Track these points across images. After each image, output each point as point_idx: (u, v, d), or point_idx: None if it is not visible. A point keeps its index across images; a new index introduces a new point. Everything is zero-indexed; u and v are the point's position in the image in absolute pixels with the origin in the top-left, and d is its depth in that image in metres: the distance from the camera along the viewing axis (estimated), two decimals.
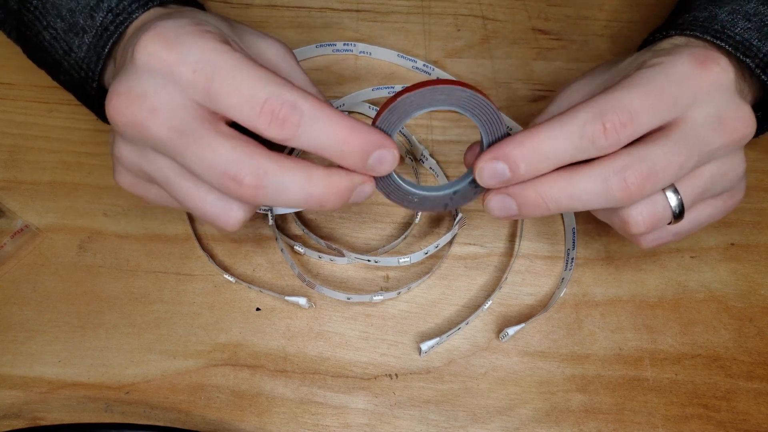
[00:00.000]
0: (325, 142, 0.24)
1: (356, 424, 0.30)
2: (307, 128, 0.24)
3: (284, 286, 0.34)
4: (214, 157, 0.24)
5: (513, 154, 0.25)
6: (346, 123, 0.24)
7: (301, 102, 0.24)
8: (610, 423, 0.31)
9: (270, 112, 0.23)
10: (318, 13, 0.44)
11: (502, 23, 0.44)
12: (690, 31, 0.33)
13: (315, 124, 0.24)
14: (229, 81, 0.24)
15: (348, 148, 0.24)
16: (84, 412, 0.30)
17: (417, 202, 0.28)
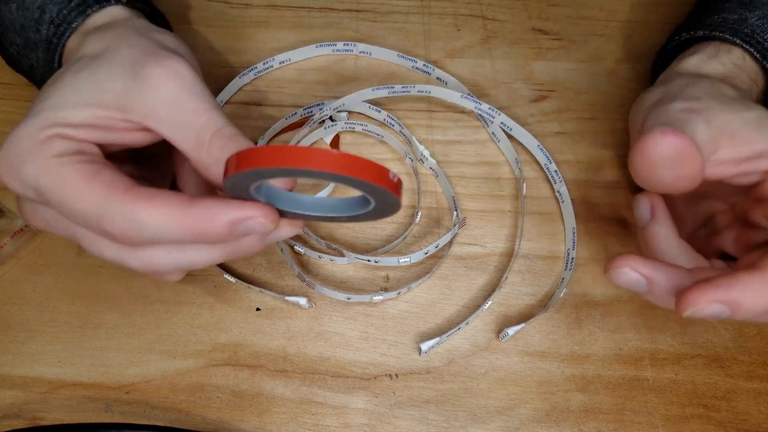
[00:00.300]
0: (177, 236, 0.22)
1: (356, 424, 0.30)
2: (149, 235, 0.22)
3: (284, 286, 0.34)
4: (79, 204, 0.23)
5: (745, 303, 0.23)
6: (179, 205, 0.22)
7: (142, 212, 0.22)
8: (610, 423, 0.31)
9: (104, 232, 0.22)
10: (318, 13, 0.44)
11: (502, 23, 0.44)
12: (719, 32, 0.32)
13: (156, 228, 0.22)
14: (62, 200, 0.23)
15: (204, 240, 0.22)
16: (84, 412, 0.30)
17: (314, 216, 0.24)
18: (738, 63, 0.33)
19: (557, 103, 0.41)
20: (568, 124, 0.40)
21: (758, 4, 0.33)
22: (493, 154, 0.39)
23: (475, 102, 0.38)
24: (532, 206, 0.37)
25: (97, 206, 0.22)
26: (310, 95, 0.40)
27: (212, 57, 0.42)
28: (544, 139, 0.39)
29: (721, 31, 0.33)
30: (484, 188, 0.38)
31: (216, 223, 0.22)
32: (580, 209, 0.37)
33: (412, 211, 0.37)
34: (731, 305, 0.23)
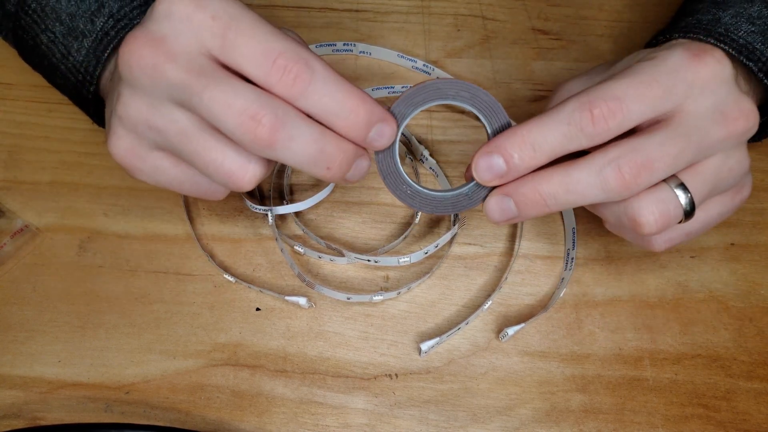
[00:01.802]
0: (333, 106, 0.24)
1: (356, 424, 0.30)
2: (317, 88, 0.24)
3: (284, 286, 0.34)
4: (234, 97, 0.23)
5: (505, 145, 0.26)
6: (356, 91, 0.25)
7: (315, 62, 0.24)
8: (610, 423, 0.31)
9: (283, 66, 0.23)
10: (318, 13, 0.44)
11: (502, 23, 0.44)
12: (693, 33, 0.32)
13: (326, 86, 0.24)
14: (246, 31, 0.24)
15: (354, 117, 0.25)
16: (84, 412, 0.30)
17: (409, 194, 0.28)
18: None
19: None
20: None
21: (731, 3, 0.33)
22: None
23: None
24: None
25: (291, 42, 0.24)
26: None
27: None
28: None
29: (695, 32, 0.33)
30: None
31: (375, 109, 0.25)
32: (580, 209, 0.37)
33: (411, 211, 0.37)
34: (498, 151, 0.26)
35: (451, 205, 0.29)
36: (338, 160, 0.25)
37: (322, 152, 0.25)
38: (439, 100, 0.27)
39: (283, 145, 0.24)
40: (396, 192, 0.28)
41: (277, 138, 0.24)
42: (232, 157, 0.25)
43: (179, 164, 0.27)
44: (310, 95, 0.24)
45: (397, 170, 0.28)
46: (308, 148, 0.24)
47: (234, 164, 0.25)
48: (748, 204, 0.37)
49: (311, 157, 0.25)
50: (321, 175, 0.26)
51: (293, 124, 0.24)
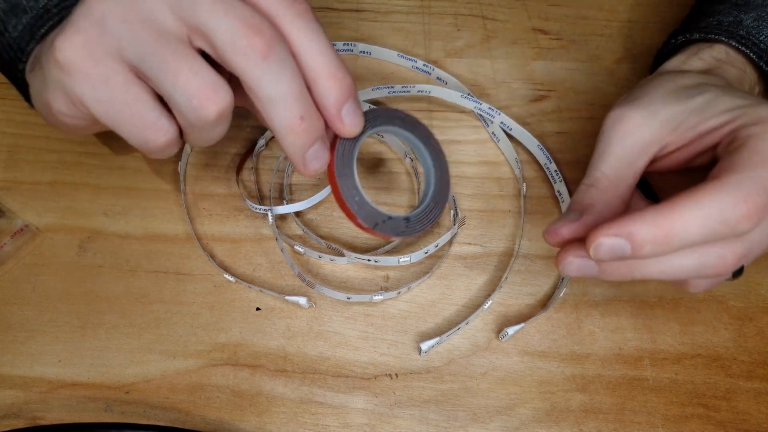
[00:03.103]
0: (320, 59, 0.24)
1: (356, 423, 0.30)
2: (314, 35, 0.23)
3: (284, 286, 0.34)
4: (237, 6, 0.22)
5: (640, 234, 0.23)
6: (338, 59, 0.24)
7: (282, 46, 0.23)
8: (610, 423, 0.31)
9: (256, 27, 0.22)
10: (318, 13, 0.44)
11: (502, 23, 0.44)
12: (715, 35, 0.32)
13: (315, 37, 0.23)
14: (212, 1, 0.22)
15: (339, 77, 0.24)
16: (84, 412, 0.30)
17: (357, 201, 0.27)
18: (719, 57, 0.33)
19: (557, 102, 0.41)
20: (568, 124, 0.40)
21: (753, 6, 0.33)
22: (493, 154, 0.39)
23: (474, 102, 0.38)
24: (532, 206, 0.37)
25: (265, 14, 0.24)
26: None
27: None
28: (544, 138, 0.39)
29: (716, 33, 0.33)
30: (484, 188, 0.38)
31: (351, 85, 0.25)
32: None
33: None
34: (628, 238, 0.23)
35: (392, 228, 0.27)
36: (310, 117, 0.24)
37: (304, 96, 0.24)
38: (400, 132, 0.29)
39: (274, 65, 0.23)
40: (346, 196, 0.27)
41: (271, 52, 0.22)
42: (205, 75, 0.23)
43: (133, 84, 0.24)
44: (305, 34, 0.23)
45: (351, 173, 0.27)
46: (294, 84, 0.23)
47: (206, 82, 0.23)
48: None
49: (294, 95, 0.23)
50: (289, 125, 0.24)
51: (286, 54, 0.23)
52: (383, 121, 0.28)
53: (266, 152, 0.38)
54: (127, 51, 0.23)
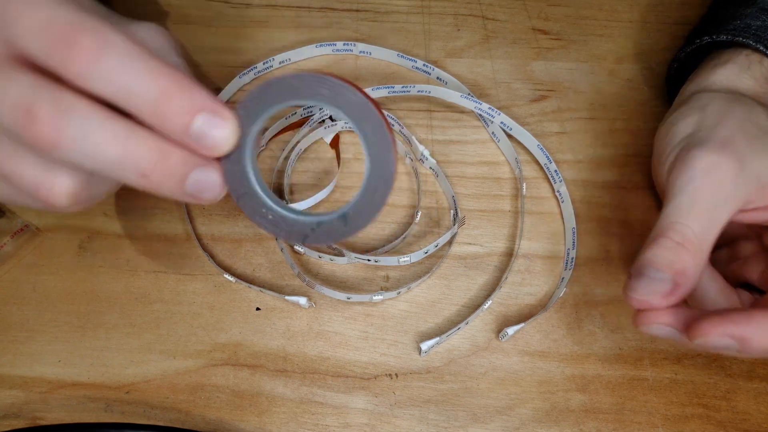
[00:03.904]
0: (133, 85, 0.19)
1: (356, 423, 0.30)
2: (112, 64, 0.18)
3: (284, 286, 0.34)
4: (6, 87, 0.19)
5: (754, 341, 0.23)
6: (168, 71, 0.19)
7: (112, 34, 0.19)
8: (610, 423, 0.31)
9: (65, 38, 0.18)
10: (318, 12, 0.44)
11: (502, 23, 0.44)
12: (743, 38, 0.32)
13: (124, 62, 0.19)
14: (29, 4, 0.19)
15: (165, 101, 0.19)
16: (84, 412, 0.30)
17: (270, 220, 0.22)
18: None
19: (557, 102, 0.41)
20: (568, 124, 0.40)
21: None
22: (493, 154, 0.39)
23: (475, 102, 0.38)
24: (532, 206, 0.37)
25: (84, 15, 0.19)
26: None
27: (212, 57, 0.42)
28: (544, 138, 0.39)
29: (744, 36, 0.32)
30: (484, 188, 0.38)
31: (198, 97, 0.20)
32: (580, 209, 0.37)
33: (412, 211, 0.37)
34: (740, 341, 0.23)
35: (324, 235, 0.22)
36: (156, 164, 0.20)
37: (128, 153, 0.19)
38: (294, 100, 0.21)
39: (73, 145, 0.19)
40: (254, 217, 0.23)
41: (61, 136, 0.19)
42: (31, 167, 0.20)
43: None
44: (102, 72, 0.18)
45: (253, 191, 0.22)
46: (108, 148, 0.19)
47: (35, 176, 0.20)
48: None
49: (115, 160, 0.19)
50: (140, 185, 0.20)
51: (82, 117, 0.19)
52: (280, 97, 0.21)
53: (266, 152, 0.38)
54: None
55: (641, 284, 0.26)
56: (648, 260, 0.26)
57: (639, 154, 0.39)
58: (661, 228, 0.26)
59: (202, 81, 0.40)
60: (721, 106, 0.30)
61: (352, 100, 0.21)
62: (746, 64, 0.33)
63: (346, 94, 0.21)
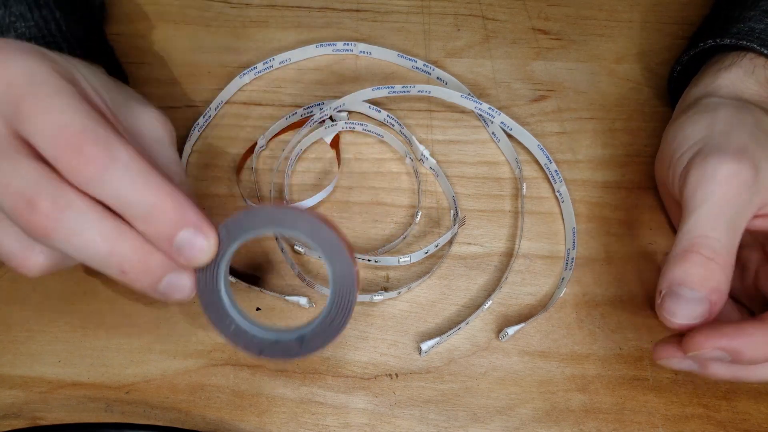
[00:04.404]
0: (132, 197, 0.21)
1: (356, 423, 0.30)
2: (115, 175, 0.21)
3: (284, 286, 0.34)
4: (13, 175, 0.20)
5: (747, 353, 0.24)
6: (166, 187, 0.21)
7: (119, 146, 0.21)
8: (610, 423, 0.31)
9: (77, 147, 0.20)
10: (318, 12, 0.44)
11: (502, 23, 0.44)
12: (747, 41, 0.32)
13: (126, 174, 0.21)
14: (44, 103, 0.21)
15: (157, 214, 0.21)
16: (84, 412, 0.30)
17: (232, 331, 0.24)
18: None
19: (557, 102, 0.41)
20: (568, 124, 0.40)
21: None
22: (493, 154, 0.39)
23: (475, 102, 0.38)
24: (532, 206, 0.37)
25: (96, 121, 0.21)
26: (310, 95, 0.40)
27: (212, 57, 0.42)
28: (544, 138, 0.39)
29: (748, 40, 0.32)
30: (484, 188, 0.38)
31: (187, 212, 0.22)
32: (580, 209, 0.37)
33: (412, 211, 0.37)
34: (732, 354, 0.24)
35: (281, 350, 0.24)
36: (136, 265, 0.22)
37: (114, 252, 0.21)
38: (275, 229, 0.23)
39: (63, 238, 0.21)
40: (219, 326, 0.24)
41: (54, 228, 0.21)
42: (12, 239, 0.22)
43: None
44: (105, 182, 0.21)
45: (219, 300, 0.24)
46: (97, 245, 0.21)
47: (14, 247, 0.22)
48: None
49: (101, 256, 0.21)
50: (117, 278, 0.22)
51: (78, 216, 0.21)
52: (262, 225, 0.23)
53: (266, 152, 0.38)
54: None
55: (680, 306, 0.25)
56: (680, 279, 0.25)
57: (639, 154, 0.39)
58: (689, 242, 0.26)
59: (202, 81, 0.40)
60: (731, 113, 0.30)
61: (326, 238, 0.23)
62: (750, 68, 0.33)
63: (321, 232, 0.23)
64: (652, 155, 0.39)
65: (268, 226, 0.23)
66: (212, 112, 0.39)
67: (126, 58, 0.41)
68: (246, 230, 0.23)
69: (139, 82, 0.40)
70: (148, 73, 0.40)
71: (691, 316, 0.25)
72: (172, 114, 0.39)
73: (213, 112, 0.39)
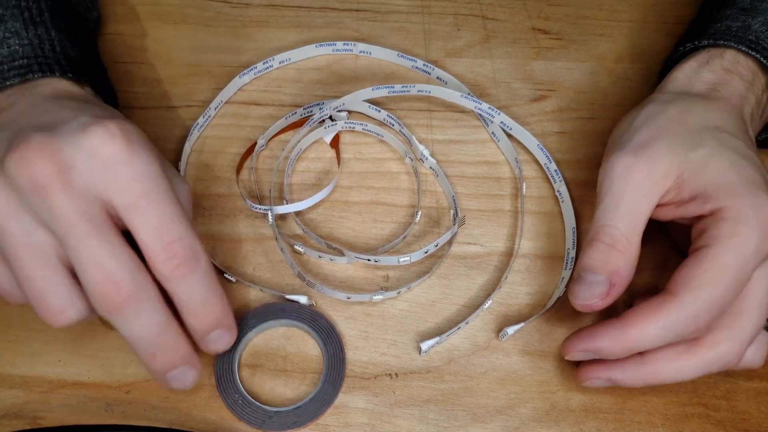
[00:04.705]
0: (199, 298, 0.25)
1: (356, 423, 0.31)
2: (194, 279, 0.25)
3: (284, 286, 0.34)
4: (109, 258, 0.23)
5: (606, 349, 0.28)
6: (222, 295, 0.27)
7: (202, 257, 0.25)
8: (610, 422, 0.31)
9: (174, 251, 0.24)
10: (318, 12, 0.44)
11: (502, 23, 0.44)
12: (724, 41, 0.33)
13: (201, 281, 0.25)
14: (158, 205, 0.24)
15: (208, 312, 0.26)
16: (84, 412, 0.30)
17: (239, 404, 0.30)
18: (729, 67, 0.33)
19: (557, 102, 0.41)
20: (568, 124, 0.40)
21: (760, 11, 0.33)
22: (492, 154, 0.39)
23: (475, 102, 0.38)
24: (532, 206, 0.37)
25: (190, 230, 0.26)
26: (310, 95, 0.40)
27: (212, 57, 0.42)
28: (544, 138, 0.39)
29: (725, 39, 0.33)
30: (484, 188, 0.38)
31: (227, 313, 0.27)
32: (580, 209, 0.37)
33: (411, 211, 0.37)
34: (594, 352, 0.28)
35: (278, 423, 0.29)
36: (168, 352, 0.25)
37: (158, 338, 0.25)
38: (284, 320, 0.32)
39: (127, 317, 0.24)
40: (226, 398, 0.30)
41: (124, 308, 0.24)
42: (59, 295, 0.25)
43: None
44: (184, 284, 0.25)
45: (232, 377, 0.30)
46: (147, 330, 0.25)
47: (57, 302, 0.25)
48: None
49: (145, 339, 0.25)
50: (143, 359, 0.26)
51: (148, 303, 0.24)
52: (263, 319, 0.31)
53: (266, 152, 0.38)
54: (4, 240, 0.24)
55: (582, 289, 0.28)
56: (585, 264, 0.29)
57: None
58: (593, 232, 0.29)
59: (202, 81, 0.40)
60: (655, 108, 0.32)
61: (323, 325, 0.32)
62: (705, 59, 0.33)
63: (319, 320, 0.32)
64: None
65: (280, 318, 0.32)
66: (212, 112, 0.39)
67: (126, 58, 0.41)
68: (261, 321, 0.31)
69: (138, 82, 0.40)
70: (148, 73, 0.40)
71: (592, 296, 0.28)
72: (172, 114, 0.39)
73: (213, 112, 0.39)
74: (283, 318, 0.32)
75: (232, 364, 0.30)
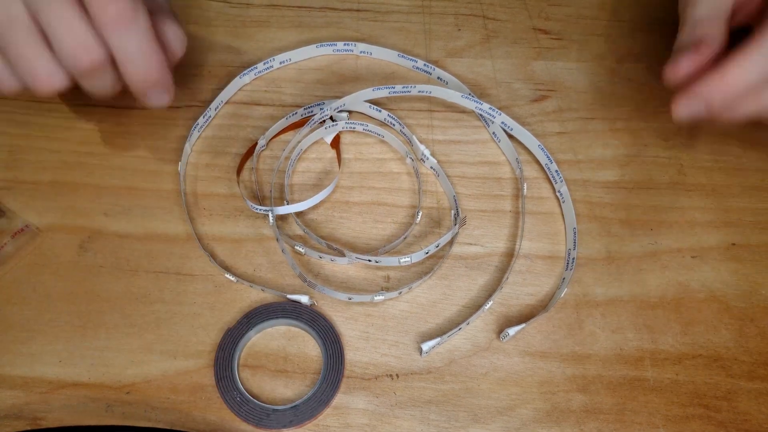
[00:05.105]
0: (134, 50, 0.28)
1: (357, 424, 0.30)
2: (132, 33, 0.28)
3: (285, 286, 0.34)
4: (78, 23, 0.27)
5: (710, 95, 0.30)
6: (157, 51, 0.29)
7: (143, 15, 0.28)
8: (611, 423, 0.31)
9: (115, 3, 0.27)
10: (318, 12, 0.44)
11: (503, 23, 0.44)
12: None
13: (138, 34, 0.28)
14: None
15: (143, 64, 0.29)
16: (84, 413, 0.30)
17: (238, 401, 0.30)
18: None
19: (558, 102, 0.41)
20: (568, 124, 0.40)
21: None
22: (493, 154, 0.39)
23: (475, 102, 0.38)
24: (533, 206, 0.37)
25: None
26: (311, 95, 0.40)
27: (212, 57, 0.42)
28: (545, 138, 0.39)
29: None
30: (485, 188, 0.38)
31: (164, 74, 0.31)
32: (581, 209, 0.37)
33: (412, 211, 0.37)
34: (702, 100, 0.31)
35: (276, 421, 0.29)
36: (149, 65, 0.29)
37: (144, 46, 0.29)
38: (285, 320, 0.32)
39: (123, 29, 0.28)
40: (225, 396, 0.30)
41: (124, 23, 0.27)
42: (46, 64, 0.28)
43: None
44: (121, 35, 0.28)
45: (232, 374, 0.30)
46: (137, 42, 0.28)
47: (46, 69, 0.28)
48: (748, 204, 0.37)
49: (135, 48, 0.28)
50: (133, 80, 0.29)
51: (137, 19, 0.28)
52: (263, 319, 0.32)
53: (267, 152, 0.38)
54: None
55: (680, 57, 0.31)
56: (678, 42, 0.33)
57: (640, 154, 0.39)
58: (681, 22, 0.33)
59: (202, 81, 0.40)
60: None
61: (322, 325, 0.32)
62: None
63: (319, 321, 0.32)
64: (653, 155, 0.39)
65: (281, 317, 0.32)
66: (212, 112, 0.39)
67: None
68: (263, 319, 0.32)
69: None
70: None
71: (687, 59, 0.31)
72: (172, 114, 0.39)
73: (213, 112, 0.39)
74: (283, 318, 0.32)
75: (232, 363, 0.31)
